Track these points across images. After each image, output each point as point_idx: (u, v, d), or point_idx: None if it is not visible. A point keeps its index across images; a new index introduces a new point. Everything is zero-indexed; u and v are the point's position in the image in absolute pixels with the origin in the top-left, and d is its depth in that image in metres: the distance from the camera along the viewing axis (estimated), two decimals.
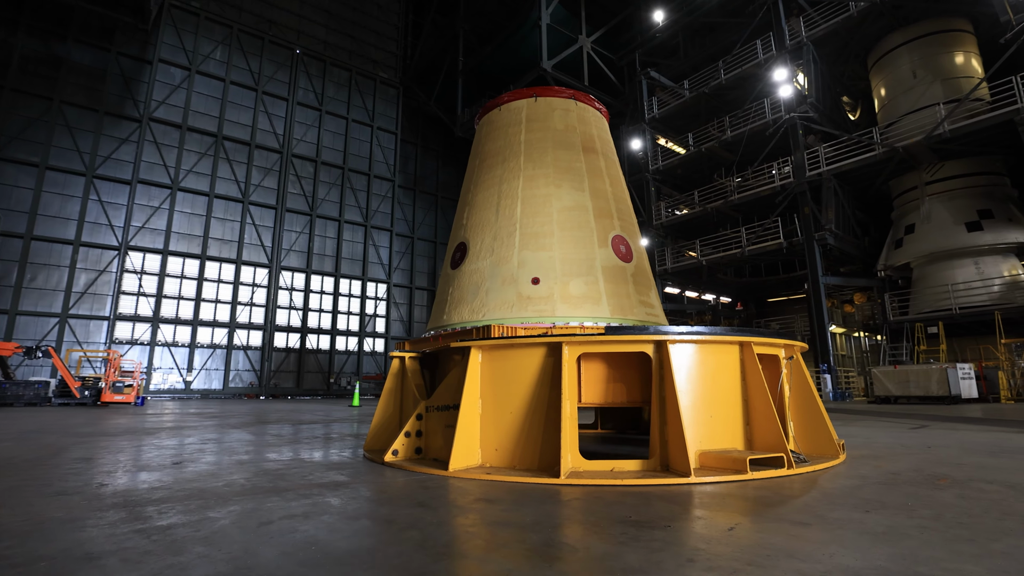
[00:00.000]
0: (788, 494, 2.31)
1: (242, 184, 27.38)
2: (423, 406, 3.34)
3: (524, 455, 2.88)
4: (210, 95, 27.12)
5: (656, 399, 2.89)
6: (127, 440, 4.57)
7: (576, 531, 1.71)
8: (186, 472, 2.84)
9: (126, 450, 3.84)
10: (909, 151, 14.19)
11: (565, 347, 2.86)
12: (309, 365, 28.57)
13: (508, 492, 2.35)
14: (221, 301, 25.66)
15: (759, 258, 18.29)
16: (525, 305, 12.65)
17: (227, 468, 2.99)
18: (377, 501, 2.13)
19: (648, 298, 14.72)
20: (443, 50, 33.85)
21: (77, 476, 2.70)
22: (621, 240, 14.53)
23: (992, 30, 15.70)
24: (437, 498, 2.21)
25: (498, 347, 3.04)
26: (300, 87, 30.69)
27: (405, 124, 36.32)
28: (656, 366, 2.92)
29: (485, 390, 3.04)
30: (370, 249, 32.32)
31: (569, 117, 15.68)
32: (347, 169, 31.70)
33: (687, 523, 1.82)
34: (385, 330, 32.35)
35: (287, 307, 28.14)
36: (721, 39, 22.22)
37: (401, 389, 3.84)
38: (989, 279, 13.97)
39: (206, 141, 26.45)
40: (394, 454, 3.19)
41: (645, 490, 2.41)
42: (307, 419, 7.76)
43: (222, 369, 25.30)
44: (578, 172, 14.78)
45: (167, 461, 3.28)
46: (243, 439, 4.72)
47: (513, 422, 2.94)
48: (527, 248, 13.46)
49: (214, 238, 25.92)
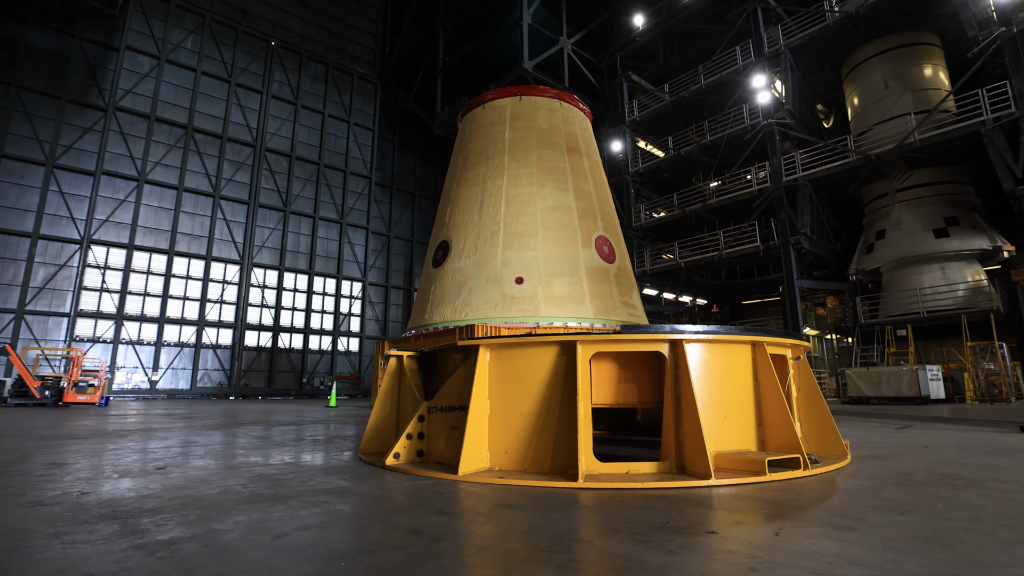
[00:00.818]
0: (813, 496, 2.25)
1: (213, 178, 26.56)
2: (425, 407, 3.20)
3: (536, 458, 2.77)
4: (180, 85, 26.23)
5: (671, 399, 2.82)
6: (99, 443, 4.29)
7: (620, 539, 1.61)
8: (173, 478, 2.64)
9: (101, 454, 3.59)
10: (881, 159, 14.60)
11: (580, 346, 2.75)
12: (281, 365, 27.89)
13: (527, 497, 2.24)
14: (190, 298, 24.82)
15: (735, 261, 18.59)
16: (509, 305, 12.50)
17: (217, 473, 2.80)
18: (393, 509, 1.99)
19: (630, 299, 14.70)
20: (422, 47, 33.50)
21: (52, 483, 2.48)
22: (604, 241, 14.51)
23: (958, 44, 16.31)
24: (456, 505, 2.08)
25: (508, 346, 2.92)
26: (275, 80, 29.96)
27: (383, 121, 35.83)
28: (671, 366, 2.85)
29: (493, 390, 2.92)
30: (345, 247, 31.77)
31: (554, 117, 15.61)
32: (323, 165, 31.08)
33: (730, 528, 1.74)
34: (360, 329, 31.84)
35: (259, 305, 27.41)
36: (700, 45, 22.54)
37: (399, 389, 3.69)
38: (954, 284, 14.47)
39: (175, 133, 25.57)
40: (395, 457, 3.04)
41: (668, 493, 2.33)
42: (286, 420, 7.49)
43: (190, 368, 24.48)
44: (562, 172, 14.72)
45: (149, 466, 3.06)
46: (225, 441, 4.48)
47: (524, 424, 2.82)
48: (511, 247, 13.33)
49: (183, 233, 25.07)
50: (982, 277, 14.51)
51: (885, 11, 15.11)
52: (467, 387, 2.95)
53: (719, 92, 19.19)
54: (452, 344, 3.18)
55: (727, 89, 18.89)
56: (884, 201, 16.02)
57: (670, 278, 20.66)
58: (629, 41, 25.14)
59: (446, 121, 30.54)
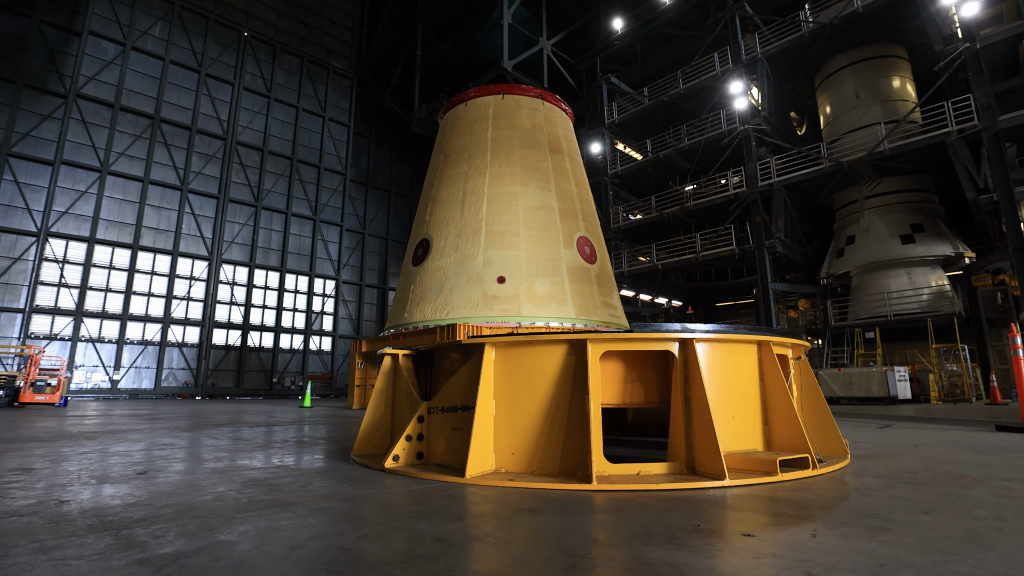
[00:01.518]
0: (831, 496, 2.23)
1: (181, 170, 25.72)
2: (425, 408, 3.08)
3: (544, 459, 2.68)
4: (147, 74, 25.31)
5: (680, 399, 2.77)
6: (67, 446, 4.03)
7: (658, 544, 1.54)
8: (159, 484, 2.46)
9: (71, 458, 3.35)
10: (853, 166, 15.03)
11: (590, 345, 2.68)
12: (251, 364, 27.17)
13: (543, 500, 2.15)
14: (155, 295, 23.97)
15: (711, 263, 18.90)
16: (490, 304, 12.40)
17: (205, 478, 2.63)
18: (409, 515, 1.87)
19: (611, 300, 14.76)
20: (400, 43, 33.11)
21: (23, 491, 2.28)
22: (586, 241, 14.51)
23: (923, 58, 16.95)
24: (472, 509, 1.98)
25: (514, 344, 2.83)
26: (247, 72, 29.20)
27: (358, 117, 35.29)
28: (680, 365, 2.80)
29: (499, 390, 2.82)
30: (319, 244, 31.18)
31: (536, 116, 15.56)
32: (296, 160, 30.44)
33: (764, 531, 1.69)
34: (333, 328, 31.29)
35: (228, 302, 26.67)
36: (677, 50, 22.87)
37: (393, 389, 3.55)
38: (919, 288, 15.00)
39: (141, 123, 24.66)
40: (395, 459, 2.92)
41: (685, 495, 2.27)
42: (262, 421, 7.23)
43: (154, 367, 23.62)
44: (545, 172, 14.68)
45: (128, 471, 2.86)
46: (204, 444, 4.26)
47: (531, 424, 2.74)
48: (493, 246, 13.22)
49: (148, 227, 24.19)
50: (945, 282, 15.09)
51: (857, 23, 15.58)
52: (472, 387, 2.84)
53: (697, 97, 19.49)
54: (455, 342, 3.07)
55: (705, 94, 19.20)
56: (854, 207, 16.52)
57: (647, 279, 20.88)
58: (608, 44, 25.34)
59: (424, 119, 30.25)
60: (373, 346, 12.72)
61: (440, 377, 3.53)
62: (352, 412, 10.38)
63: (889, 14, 15.37)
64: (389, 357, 3.56)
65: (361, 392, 12.92)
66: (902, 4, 14.93)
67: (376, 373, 13.77)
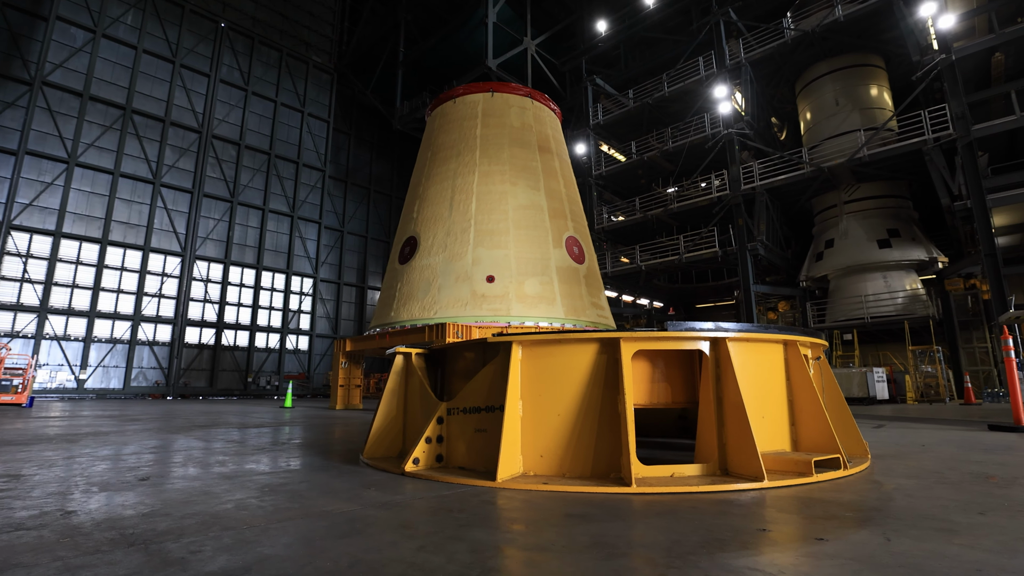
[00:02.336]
0: (874, 497, 2.19)
1: (153, 163, 24.90)
2: (444, 408, 2.95)
3: (575, 462, 2.59)
4: (119, 63, 24.42)
5: (712, 399, 2.71)
6: (48, 450, 3.77)
7: (736, 551, 1.46)
8: (168, 491, 2.29)
9: (57, 463, 3.13)
10: (833, 172, 15.36)
11: (623, 344, 2.60)
12: (225, 363, 26.45)
13: (587, 505, 2.06)
14: (124, 291, 23.14)
15: (691, 266, 19.11)
16: (480, 303, 12.24)
17: (217, 484, 2.46)
18: (458, 523, 1.76)
19: (599, 300, 14.72)
20: (382, 39, 32.69)
21: (20, 500, 2.08)
22: (574, 241, 14.46)
23: (899, 68, 17.44)
24: (521, 515, 1.88)
25: (542, 343, 2.73)
26: (224, 64, 28.44)
27: (338, 112, 34.72)
28: (711, 364, 2.74)
29: (526, 390, 2.72)
30: (296, 241, 30.54)
31: (525, 115, 15.46)
32: (274, 155, 29.77)
33: (835, 533, 1.62)
34: (310, 327, 30.71)
35: (201, 300, 25.91)
36: (660, 54, 23.08)
37: (405, 389, 3.41)
38: (895, 292, 15.41)
39: (112, 113, 23.79)
40: (415, 463, 2.78)
41: (728, 496, 2.21)
42: (248, 422, 6.97)
43: (123, 367, 22.80)
44: (534, 171, 14.58)
45: (127, 476, 2.67)
46: (197, 446, 4.05)
47: (561, 426, 2.64)
48: (482, 245, 13.06)
49: (118, 221, 23.34)
50: (919, 286, 15.54)
51: (838, 32, 15.93)
52: (498, 387, 2.74)
53: (681, 100, 19.69)
54: (479, 341, 2.96)
55: (689, 98, 19.41)
56: (833, 212, 16.89)
57: (629, 280, 21.00)
58: (592, 46, 25.44)
59: (406, 116, 29.91)
60: (357, 345, 12.46)
61: (454, 377, 3.41)
62: (337, 413, 10.12)
63: (868, 24, 15.76)
64: (401, 356, 3.43)
65: (345, 392, 12.64)
66: (881, 15, 15.32)
67: (360, 373, 13.37)
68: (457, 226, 11.90)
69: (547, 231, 12.25)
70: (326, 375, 30.94)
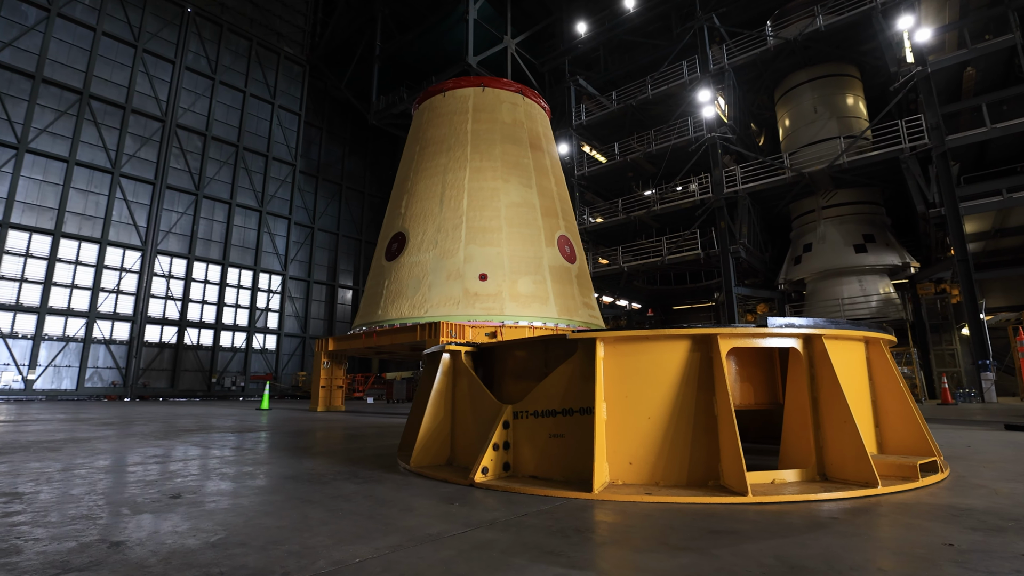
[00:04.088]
0: (1008, 503, 2.03)
1: (112, 152, 23.58)
2: (510, 412, 2.67)
3: (668, 469, 2.35)
4: (75, 44, 23.03)
5: (807, 400, 2.52)
6: (33, 460, 3.30)
7: (948, 570, 1.24)
8: (217, 511, 1.94)
9: (56, 478, 2.70)
10: (813, 177, 15.70)
11: (720, 340, 2.38)
12: (187, 363, 25.25)
13: (714, 518, 1.82)
14: (79, 286, 21.80)
15: (673, 267, 19.25)
16: (472, 302, 11.88)
17: (265, 500, 2.12)
18: (602, 543, 1.49)
19: (590, 300, 14.53)
20: (358, 32, 31.92)
21: (42, 528, 1.71)
22: (566, 240, 14.25)
23: (874, 79, 18.01)
24: (655, 532, 1.62)
25: (628, 340, 2.49)
26: (190, 51, 27.22)
27: (310, 106, 33.76)
28: (806, 363, 2.55)
29: (609, 392, 2.47)
30: (264, 237, 29.49)
31: (517, 111, 15.16)
32: (242, 147, 28.66)
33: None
34: (278, 326, 29.69)
35: (163, 297, 24.69)
36: (640, 57, 23.24)
37: (453, 390, 3.11)
38: (869, 296, 15.85)
39: (68, 98, 22.40)
40: (484, 472, 2.49)
41: (858, 504, 2.00)
42: (237, 426, 6.47)
43: (76, 366, 21.45)
44: (526, 168, 14.30)
45: (150, 492, 2.28)
46: (206, 454, 3.63)
47: (651, 430, 2.40)
48: (474, 242, 12.70)
49: (73, 212, 21.98)
50: (891, 290, 16.03)
51: (819, 41, 16.32)
52: (577, 387, 2.48)
53: (664, 103, 19.83)
54: (558, 337, 2.68)
55: (672, 101, 19.57)
56: (811, 217, 17.28)
57: (610, 281, 21.01)
58: (571, 47, 25.43)
59: (383, 111, 29.26)
60: (341, 345, 11.95)
61: (506, 377, 3.13)
62: (323, 415, 9.61)
63: (848, 35, 16.20)
64: (448, 355, 3.12)
65: (326, 393, 12.10)
66: (860, 27, 15.77)
67: (342, 373, 12.79)
68: (448, 222, 11.56)
69: (539, 229, 12.04)
70: (295, 376, 29.95)
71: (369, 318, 11.57)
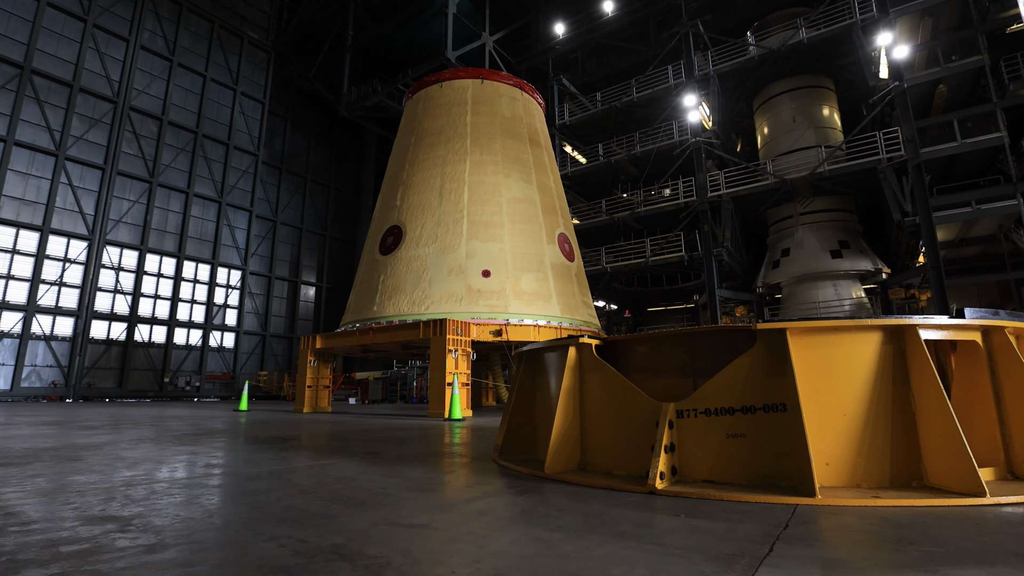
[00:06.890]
0: None
1: (57, 133, 21.77)
2: (673, 410, 2.39)
3: (868, 469, 2.14)
4: (15, 14, 21.14)
5: (989, 395, 2.37)
6: (14, 471, 2.77)
7: None
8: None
9: (56, 493, 2.23)
10: (794, 184, 16.16)
11: (919, 331, 2.19)
12: (137, 361, 23.57)
13: (972, 524, 1.61)
14: (16, 278, 19.98)
15: (656, 269, 19.44)
16: (475, 299, 11.49)
17: (399, 525, 1.77)
18: (898, 564, 1.25)
19: (588, 299, 14.35)
20: (327, 20, 30.78)
21: (107, 560, 1.31)
22: (565, 238, 14.03)
23: (847, 92, 18.77)
24: (967, 552, 1.39)
25: (818, 331, 2.27)
26: (146, 29, 25.49)
27: (275, 94, 32.29)
28: (985, 357, 2.41)
29: (799, 387, 2.24)
30: (224, 230, 27.94)
31: (516, 106, 14.86)
32: (201, 135, 27.07)
33: None
34: (237, 323, 28.19)
35: (112, 290, 22.97)
36: (618, 61, 23.40)
37: (581, 388, 2.80)
38: (843, 299, 16.46)
39: (6, 71, 20.52)
40: (661, 478, 2.21)
41: None
42: (232, 430, 5.89)
43: (11, 364, 19.66)
44: (526, 164, 14.02)
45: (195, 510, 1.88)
46: (216, 459, 3.17)
47: (848, 428, 2.18)
48: (476, 238, 12.32)
49: (11, 196, 20.14)
50: (863, 294, 16.71)
51: (801, 52, 16.84)
52: (760, 383, 2.24)
53: (648, 106, 20.01)
54: (743, 328, 2.43)
55: (656, 104, 19.77)
56: (789, 222, 17.80)
57: (591, 282, 20.99)
58: (549, 47, 25.38)
59: (354, 103, 28.29)
60: (329, 342, 11.30)
61: (633, 373, 2.85)
62: (319, 416, 8.99)
63: (828, 48, 16.80)
64: (574, 349, 2.81)
65: (312, 394, 11.41)
66: (839, 41, 16.37)
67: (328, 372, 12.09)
68: (448, 216, 11.15)
69: (540, 226, 11.81)
70: (255, 375, 28.51)
71: (363, 314, 11.00)
